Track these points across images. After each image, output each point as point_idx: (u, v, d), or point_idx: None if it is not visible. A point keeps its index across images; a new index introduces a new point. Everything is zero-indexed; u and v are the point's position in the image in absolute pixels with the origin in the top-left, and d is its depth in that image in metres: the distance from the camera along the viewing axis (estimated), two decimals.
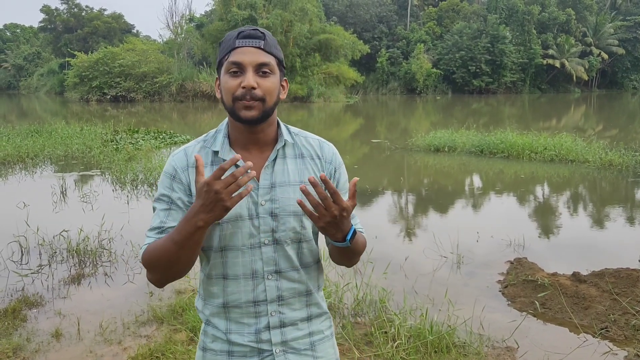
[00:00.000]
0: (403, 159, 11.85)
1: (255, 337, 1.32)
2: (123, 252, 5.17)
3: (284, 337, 1.33)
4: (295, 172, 1.33)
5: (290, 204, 1.29)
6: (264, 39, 1.25)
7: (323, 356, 1.39)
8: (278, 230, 1.29)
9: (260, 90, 1.23)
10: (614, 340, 3.48)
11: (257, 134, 1.30)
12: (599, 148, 11.14)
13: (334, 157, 1.40)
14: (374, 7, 49.17)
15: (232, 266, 1.30)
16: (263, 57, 1.24)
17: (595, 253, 5.37)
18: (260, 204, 1.28)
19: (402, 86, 45.61)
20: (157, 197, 1.32)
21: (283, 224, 1.29)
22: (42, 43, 60.10)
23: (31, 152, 11.31)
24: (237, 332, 1.32)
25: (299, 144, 1.37)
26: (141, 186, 8.46)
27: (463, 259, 5.06)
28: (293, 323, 1.34)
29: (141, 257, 1.27)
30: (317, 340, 1.39)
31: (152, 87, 35.20)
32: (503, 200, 8.10)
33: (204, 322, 1.38)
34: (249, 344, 1.31)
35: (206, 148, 1.32)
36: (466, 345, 3.34)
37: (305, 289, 1.36)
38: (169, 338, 3.40)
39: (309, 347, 1.37)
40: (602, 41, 50.13)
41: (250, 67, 1.23)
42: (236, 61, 1.23)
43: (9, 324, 3.64)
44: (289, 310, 1.34)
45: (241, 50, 1.23)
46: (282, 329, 1.33)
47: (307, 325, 1.37)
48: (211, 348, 1.35)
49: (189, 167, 1.30)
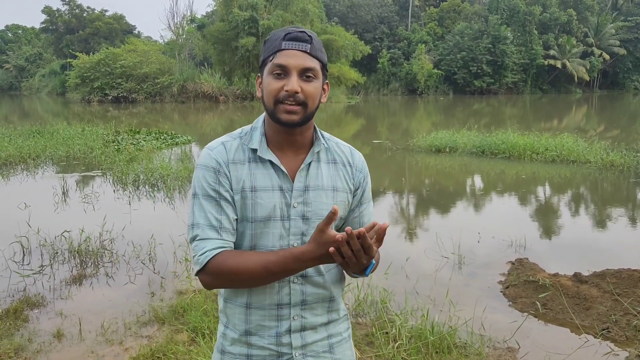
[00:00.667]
0: (404, 160, 11.85)
1: (276, 340, 1.31)
2: (124, 252, 5.18)
3: (304, 341, 1.33)
4: (329, 177, 1.33)
5: (322, 207, 1.29)
6: (311, 43, 1.23)
7: (341, 358, 1.39)
8: (307, 234, 1.29)
9: (302, 94, 1.22)
10: (615, 341, 3.47)
11: (295, 136, 1.29)
12: (601, 149, 11.13)
13: (364, 165, 1.42)
14: (375, 7, 49.16)
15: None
16: (309, 62, 1.23)
17: (596, 254, 5.36)
18: (293, 206, 1.28)
19: (403, 87, 45.60)
20: (200, 192, 1.26)
21: (313, 227, 1.28)
22: (44, 44, 60.21)
23: (33, 152, 11.32)
24: (258, 335, 1.31)
25: (332, 149, 1.37)
26: (142, 187, 8.47)
27: (464, 260, 5.06)
28: (313, 327, 1.34)
29: (205, 263, 1.21)
30: (335, 342, 1.39)
31: (153, 87, 35.24)
32: (504, 201, 8.10)
33: (224, 324, 1.37)
34: (269, 347, 1.31)
35: (243, 145, 1.30)
36: (467, 345, 3.34)
37: (329, 295, 1.35)
38: (170, 338, 3.40)
39: (327, 350, 1.37)
40: (604, 42, 50.08)
41: (295, 71, 1.21)
42: (281, 64, 1.21)
43: (10, 324, 3.64)
44: (311, 315, 1.33)
45: (287, 53, 1.22)
46: (303, 332, 1.33)
47: (326, 328, 1.38)
48: (229, 351, 1.34)
49: (229, 162, 1.27)
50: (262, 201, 1.26)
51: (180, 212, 6.76)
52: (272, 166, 1.28)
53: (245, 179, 1.27)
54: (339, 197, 1.33)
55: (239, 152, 1.29)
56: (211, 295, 4.03)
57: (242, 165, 1.27)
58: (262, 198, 1.26)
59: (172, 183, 8.54)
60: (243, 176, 1.27)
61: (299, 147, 1.31)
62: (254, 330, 1.31)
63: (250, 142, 1.30)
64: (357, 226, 1.39)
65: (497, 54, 44.66)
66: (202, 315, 3.60)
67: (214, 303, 3.84)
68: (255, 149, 1.28)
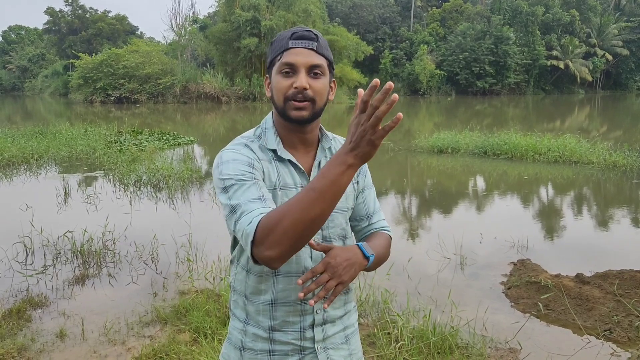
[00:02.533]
0: (406, 160, 11.84)
1: (300, 334, 1.34)
2: (127, 253, 5.19)
3: (325, 334, 1.37)
4: None
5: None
6: (317, 41, 1.27)
7: (355, 348, 1.45)
8: (327, 228, 1.34)
9: (311, 91, 1.25)
10: (618, 342, 3.47)
11: (306, 133, 1.33)
12: (603, 149, 11.11)
13: None
14: (377, 8, 49.18)
15: (286, 263, 1.25)
16: (316, 59, 1.25)
17: (598, 255, 5.35)
18: None
19: (405, 87, 45.61)
20: (235, 180, 1.20)
21: (332, 220, 1.34)
22: (47, 45, 60.44)
23: (36, 153, 11.35)
24: (281, 330, 1.34)
25: (336, 145, 1.42)
26: (145, 187, 8.49)
27: (466, 260, 5.06)
28: (332, 320, 1.39)
29: (255, 228, 1.09)
30: (350, 333, 1.45)
31: (155, 88, 35.33)
32: (506, 202, 8.09)
33: (242, 320, 1.38)
34: (293, 342, 1.34)
35: (262, 146, 1.32)
36: (469, 346, 3.34)
37: (347, 287, 1.39)
38: (172, 338, 3.41)
39: (344, 341, 1.42)
40: (606, 42, 50.00)
41: (303, 68, 1.24)
42: (289, 62, 1.24)
43: (13, 324, 3.66)
44: (331, 308, 1.38)
45: (294, 51, 1.25)
46: (324, 326, 1.37)
47: (342, 320, 1.43)
48: (251, 347, 1.36)
49: (259, 159, 1.28)
50: (287, 199, 1.28)
51: (182, 212, 6.77)
52: (292, 165, 1.32)
53: (274, 177, 1.30)
54: (348, 188, 1.37)
55: (261, 153, 1.32)
56: (213, 295, 4.04)
57: (270, 164, 1.31)
58: (288, 196, 1.30)
59: (174, 183, 8.56)
60: (272, 174, 1.30)
61: (309, 144, 1.36)
62: (278, 326, 1.34)
63: (268, 144, 1.33)
64: (364, 212, 1.46)
65: (500, 55, 44.62)
66: (204, 316, 3.61)
67: (216, 303, 3.85)
68: (275, 150, 1.31)
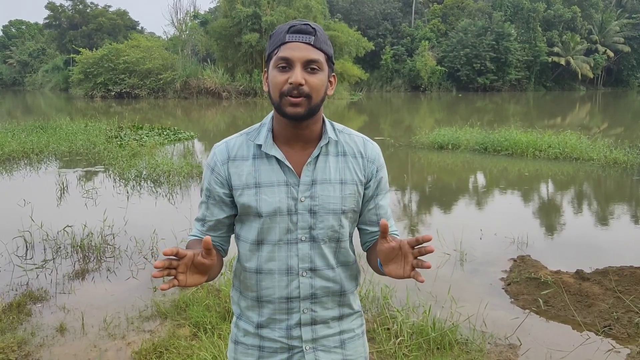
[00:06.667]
0: (407, 156, 11.83)
1: (286, 333, 1.32)
2: (127, 247, 5.20)
3: (314, 335, 1.34)
4: (336, 170, 1.32)
5: (329, 202, 1.29)
6: (315, 35, 1.23)
7: (352, 354, 1.39)
8: (316, 228, 1.29)
9: (307, 86, 1.21)
10: (617, 338, 3.47)
11: (302, 130, 1.29)
12: (604, 146, 11.09)
13: (377, 157, 1.39)
14: (378, 4, 49.01)
15: (267, 260, 1.30)
16: (312, 54, 1.22)
17: (598, 251, 5.35)
18: (300, 200, 1.28)
19: (406, 83, 45.51)
20: (201, 188, 1.39)
21: (321, 221, 1.29)
22: (47, 39, 60.27)
23: (36, 148, 11.35)
24: (269, 327, 1.33)
25: (342, 141, 1.35)
26: (145, 182, 8.49)
27: (466, 256, 5.06)
28: (324, 321, 1.35)
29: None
30: (347, 338, 1.39)
31: (156, 83, 35.24)
32: (507, 198, 8.08)
33: (236, 315, 1.40)
34: (280, 340, 1.33)
35: (249, 141, 1.32)
36: (469, 342, 3.34)
37: (340, 289, 1.35)
38: (172, 333, 3.41)
39: (339, 345, 1.37)
40: (608, 39, 49.84)
41: (298, 63, 1.21)
42: (285, 56, 1.21)
43: (13, 318, 3.66)
44: (321, 308, 1.34)
45: (291, 46, 1.21)
46: (313, 326, 1.34)
47: (338, 323, 1.38)
48: (242, 342, 1.37)
49: (229, 160, 1.30)
50: (266, 197, 1.27)
51: (182, 207, 6.77)
52: (277, 162, 1.28)
53: (248, 175, 1.28)
54: (347, 190, 1.31)
55: (243, 149, 1.30)
56: (213, 290, 4.04)
57: (245, 161, 1.29)
58: (267, 194, 1.27)
59: (174, 179, 8.55)
60: (246, 172, 1.28)
61: (306, 141, 1.31)
62: (265, 323, 1.33)
63: (257, 138, 1.31)
64: (374, 217, 1.40)
65: (501, 51, 44.48)
66: (204, 310, 3.61)
67: (215, 298, 3.86)
68: (260, 145, 1.29)
